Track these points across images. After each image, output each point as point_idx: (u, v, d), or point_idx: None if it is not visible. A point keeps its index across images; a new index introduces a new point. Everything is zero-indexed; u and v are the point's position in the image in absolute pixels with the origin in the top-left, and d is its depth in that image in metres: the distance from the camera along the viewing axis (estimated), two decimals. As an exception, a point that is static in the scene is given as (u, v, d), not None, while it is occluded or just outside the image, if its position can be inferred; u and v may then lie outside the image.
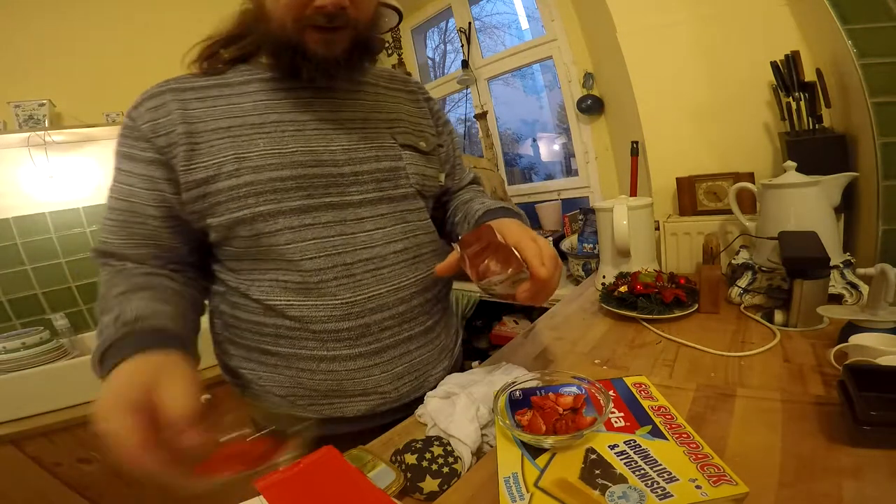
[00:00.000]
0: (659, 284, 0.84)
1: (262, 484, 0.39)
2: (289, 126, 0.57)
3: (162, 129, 0.54)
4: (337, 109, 0.61)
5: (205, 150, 0.54)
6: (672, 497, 0.34)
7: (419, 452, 0.46)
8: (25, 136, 1.50)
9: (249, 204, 0.54)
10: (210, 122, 0.55)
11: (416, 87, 0.75)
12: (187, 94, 0.56)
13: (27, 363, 1.28)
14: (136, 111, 0.55)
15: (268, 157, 0.55)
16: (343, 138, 0.60)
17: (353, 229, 0.59)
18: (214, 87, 0.58)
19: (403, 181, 0.64)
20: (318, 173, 0.57)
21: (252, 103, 0.57)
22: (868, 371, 0.45)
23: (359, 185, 0.60)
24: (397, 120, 0.67)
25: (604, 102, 1.78)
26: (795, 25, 1.13)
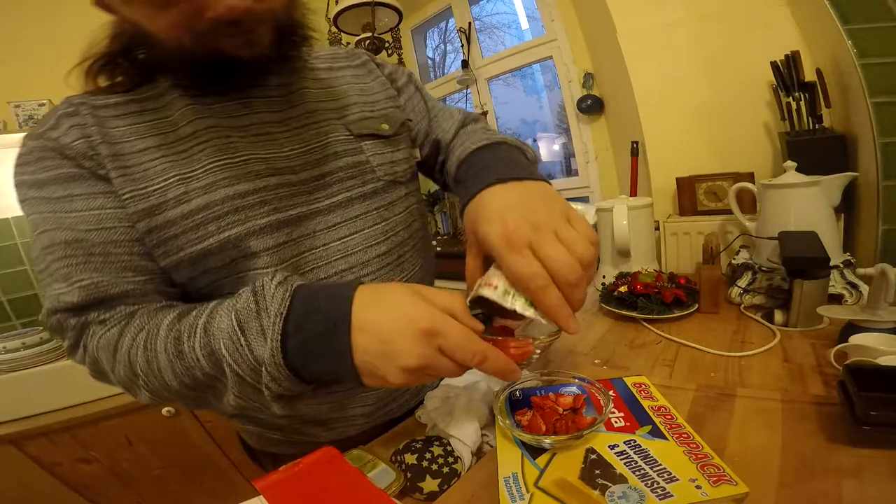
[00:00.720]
0: (659, 284, 0.84)
1: (261, 484, 0.39)
2: (231, 132, 0.48)
3: (95, 147, 0.44)
4: (278, 107, 0.52)
5: (138, 175, 0.44)
6: (672, 497, 0.34)
7: (419, 452, 0.46)
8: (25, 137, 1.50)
9: (211, 231, 0.45)
10: (137, 142, 0.45)
11: (367, 57, 0.65)
12: (102, 112, 0.46)
13: (27, 363, 1.28)
14: (57, 130, 0.45)
15: (216, 171, 0.46)
16: (294, 140, 0.51)
17: (326, 239, 0.51)
18: (130, 103, 0.47)
19: (370, 175, 0.55)
20: (277, 183, 0.48)
21: (179, 112, 0.47)
22: (868, 371, 0.45)
23: (323, 190, 0.52)
24: (349, 105, 0.58)
25: (604, 102, 1.78)
26: (795, 25, 1.13)
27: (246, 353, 0.37)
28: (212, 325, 0.39)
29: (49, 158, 0.44)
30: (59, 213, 0.44)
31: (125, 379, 0.43)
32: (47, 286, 0.44)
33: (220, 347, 0.38)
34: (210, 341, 0.39)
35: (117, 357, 0.42)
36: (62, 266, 0.43)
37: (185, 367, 0.40)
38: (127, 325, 0.43)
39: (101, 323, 0.44)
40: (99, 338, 0.43)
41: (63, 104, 0.47)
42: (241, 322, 0.38)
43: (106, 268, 0.44)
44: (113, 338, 0.43)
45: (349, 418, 0.57)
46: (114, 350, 0.42)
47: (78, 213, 0.43)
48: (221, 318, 0.39)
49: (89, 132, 0.44)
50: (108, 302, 0.44)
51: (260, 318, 0.38)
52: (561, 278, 0.37)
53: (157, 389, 0.42)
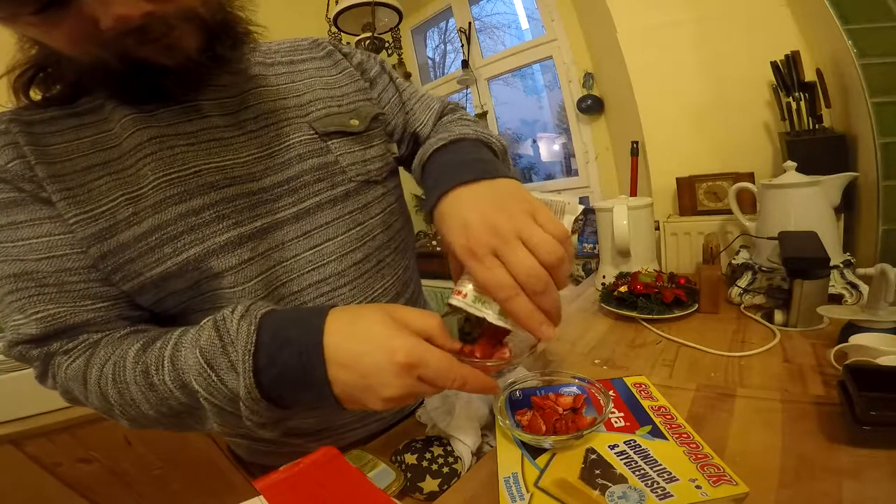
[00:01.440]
0: (659, 284, 0.84)
1: (262, 484, 0.39)
2: (177, 140, 0.43)
3: (30, 168, 0.40)
4: (232, 110, 0.47)
5: (83, 197, 0.40)
6: (672, 497, 0.34)
7: (419, 452, 0.46)
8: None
9: (168, 254, 0.41)
10: (78, 160, 0.41)
11: (331, 47, 0.59)
12: (37, 128, 0.41)
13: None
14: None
15: (165, 187, 0.41)
16: (250, 144, 0.47)
17: (297, 250, 0.47)
18: (69, 116, 0.43)
19: (340, 177, 0.51)
20: (235, 193, 0.44)
21: (119, 124, 0.43)
22: (868, 371, 0.45)
23: (289, 196, 0.47)
24: (312, 102, 0.53)
25: (604, 102, 1.78)
26: (795, 25, 1.13)
27: (220, 387, 0.36)
28: (178, 358, 0.38)
29: None
30: (5, 243, 0.40)
31: (101, 407, 0.42)
32: (6, 317, 0.41)
33: (191, 382, 0.36)
34: (180, 375, 0.37)
35: (88, 387, 0.41)
36: (15, 299, 0.40)
37: (158, 398, 0.39)
38: (92, 356, 0.41)
39: (64, 353, 0.42)
40: (66, 368, 0.41)
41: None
42: (207, 359, 0.36)
43: (62, 297, 0.41)
44: (80, 368, 0.41)
45: (339, 427, 0.56)
46: (83, 380, 0.41)
47: (25, 242, 0.40)
48: (187, 354, 0.37)
49: (24, 151, 0.40)
50: (69, 332, 0.42)
51: (227, 354, 0.36)
52: (527, 288, 0.36)
53: (135, 418, 0.41)
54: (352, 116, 0.54)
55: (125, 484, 1.27)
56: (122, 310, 0.44)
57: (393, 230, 0.57)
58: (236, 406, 0.36)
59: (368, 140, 0.54)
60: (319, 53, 0.58)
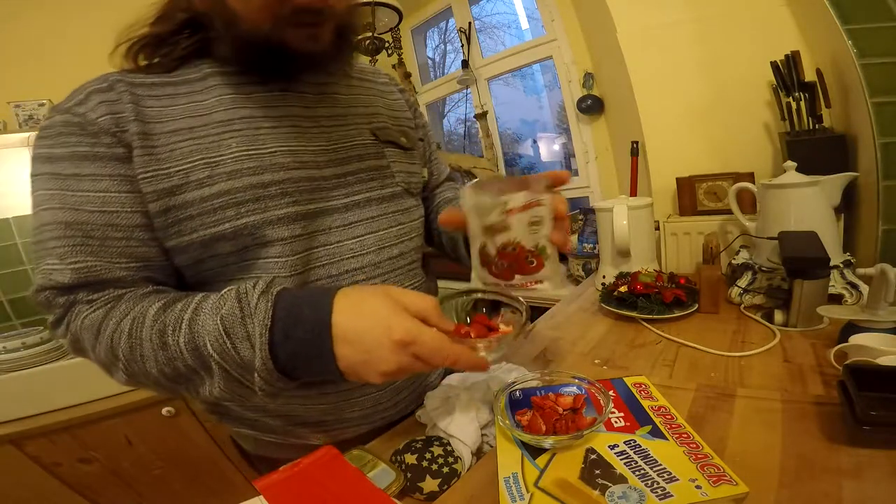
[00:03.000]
0: (659, 284, 0.84)
1: (262, 484, 0.39)
2: (262, 123, 0.49)
3: (122, 123, 0.44)
4: (311, 105, 0.54)
5: (164, 156, 0.45)
6: (672, 497, 0.34)
7: (419, 452, 0.46)
8: (25, 136, 1.50)
9: (229, 217, 0.46)
10: (168, 123, 0.46)
11: (388, 79, 0.69)
12: (139, 90, 0.47)
13: (27, 363, 1.28)
14: (85, 105, 0.44)
15: (244, 159, 0.47)
16: (322, 137, 0.53)
17: (341, 237, 0.52)
18: (167, 85, 0.48)
19: (389, 180, 0.58)
20: (300, 176, 0.50)
21: (216, 99, 0.48)
22: (868, 371, 0.45)
23: (343, 188, 0.53)
24: (376, 114, 0.61)
25: (604, 102, 1.78)
26: (795, 25, 1.13)
27: (234, 356, 0.39)
28: (196, 322, 0.40)
29: (69, 134, 0.44)
30: (66, 191, 0.43)
31: (105, 360, 0.44)
32: (40, 260, 0.44)
33: (205, 345, 0.40)
34: (195, 338, 0.40)
35: (100, 339, 0.43)
36: (59, 245, 0.43)
37: (167, 357, 0.41)
38: (112, 309, 0.44)
39: (87, 303, 0.44)
40: (84, 318, 0.44)
41: (97, 80, 0.47)
42: (226, 327, 0.39)
43: (102, 251, 0.44)
44: (98, 319, 0.43)
45: (345, 421, 0.57)
46: (97, 331, 0.43)
47: (83, 194, 0.43)
48: (206, 319, 0.40)
49: (121, 108, 0.45)
50: (97, 285, 0.44)
51: (245, 325, 0.39)
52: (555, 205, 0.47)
53: (135, 374, 0.43)
54: (402, 134, 0.63)
55: (125, 484, 1.27)
56: (152, 272, 0.48)
57: (421, 239, 0.64)
58: (246, 374, 0.40)
59: (412, 157, 0.63)
60: (379, 80, 0.67)
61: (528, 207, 0.45)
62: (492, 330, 0.47)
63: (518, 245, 0.46)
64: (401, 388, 0.59)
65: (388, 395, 0.58)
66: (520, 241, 0.45)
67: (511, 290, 0.48)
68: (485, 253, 0.46)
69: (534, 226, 0.46)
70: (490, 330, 0.47)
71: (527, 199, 0.44)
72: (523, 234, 0.45)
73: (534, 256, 0.47)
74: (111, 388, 1.26)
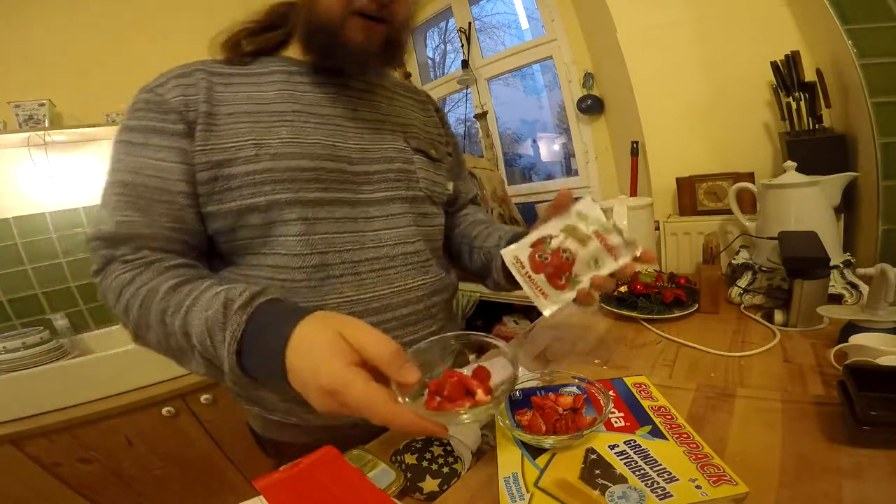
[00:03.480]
0: (659, 284, 0.85)
1: (262, 484, 0.39)
2: (310, 118, 0.57)
3: (192, 104, 0.53)
4: (355, 108, 0.61)
5: (223, 132, 0.53)
6: (672, 497, 0.34)
7: (419, 452, 0.46)
8: (25, 136, 1.50)
9: (265, 191, 0.52)
10: (232, 106, 0.54)
11: (426, 98, 0.77)
12: (215, 78, 0.56)
13: (27, 363, 1.28)
14: (163, 87, 0.53)
15: (289, 145, 0.54)
16: (358, 137, 0.60)
17: (363, 227, 0.58)
18: (239, 75, 0.58)
19: (413, 184, 0.63)
20: (334, 167, 0.56)
21: (276, 92, 0.57)
22: (868, 371, 0.45)
23: (370, 185, 0.59)
24: (410, 125, 0.68)
25: (604, 102, 1.78)
26: (795, 25, 1.13)
27: (212, 352, 0.44)
28: (190, 313, 0.45)
29: (146, 110, 0.52)
30: (132, 157, 0.51)
31: (121, 317, 0.50)
32: (97, 214, 0.52)
33: (192, 336, 0.45)
34: (186, 326, 0.45)
35: (119, 299, 0.49)
36: (114, 201, 0.51)
37: (165, 333, 0.47)
38: (138, 275, 0.49)
39: (122, 263, 0.51)
40: (114, 277, 0.50)
41: (180, 67, 0.56)
42: (209, 327, 0.43)
43: (147, 210, 0.51)
44: (123, 281, 0.49)
45: None
46: (119, 292, 0.49)
47: (144, 160, 0.51)
48: (197, 314, 0.45)
49: (194, 92, 0.53)
50: (136, 240, 0.51)
51: (223, 330, 0.43)
52: None
53: (142, 338, 0.50)
54: (432, 147, 0.69)
55: (125, 484, 1.27)
56: (186, 236, 0.54)
57: (438, 244, 0.69)
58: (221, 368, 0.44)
59: (438, 168, 0.70)
60: (418, 98, 0.75)
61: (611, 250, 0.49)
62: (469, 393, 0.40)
63: (572, 259, 0.50)
64: None
65: None
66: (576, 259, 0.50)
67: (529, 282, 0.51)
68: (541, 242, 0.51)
69: (596, 262, 0.50)
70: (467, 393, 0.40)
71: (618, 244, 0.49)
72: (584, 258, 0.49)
73: (567, 280, 0.51)
74: (111, 388, 1.26)
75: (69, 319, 1.62)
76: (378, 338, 0.38)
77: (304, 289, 0.54)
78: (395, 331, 0.59)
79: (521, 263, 0.52)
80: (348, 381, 0.36)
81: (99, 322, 1.71)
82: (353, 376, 0.36)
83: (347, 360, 0.37)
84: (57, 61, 1.60)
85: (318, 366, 0.37)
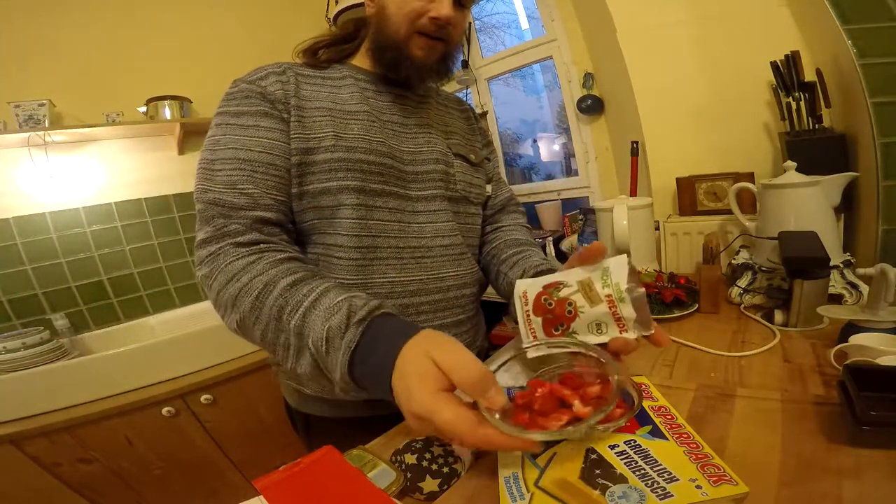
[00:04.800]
0: (659, 284, 0.84)
1: (261, 484, 0.39)
2: (375, 120, 0.66)
3: (288, 97, 0.61)
4: (409, 115, 0.71)
5: (309, 124, 0.61)
6: (672, 497, 0.34)
7: (419, 452, 0.46)
8: (25, 136, 1.50)
9: (339, 177, 0.60)
10: (315, 102, 0.63)
11: (469, 108, 0.87)
12: (301, 78, 0.64)
13: (27, 363, 1.28)
14: (265, 81, 0.61)
15: (360, 140, 0.62)
16: (411, 141, 0.69)
17: (409, 219, 0.65)
18: (318, 77, 0.66)
19: (452, 185, 0.71)
20: (392, 165, 0.64)
21: (349, 94, 0.66)
22: (868, 371, 0.45)
23: (418, 183, 0.67)
24: (453, 133, 0.77)
25: (604, 102, 1.78)
26: (795, 25, 1.13)
27: (325, 358, 0.46)
28: (310, 315, 0.48)
29: (253, 97, 0.60)
30: (245, 136, 0.58)
31: (225, 304, 0.52)
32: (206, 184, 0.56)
33: (309, 338, 0.47)
34: (303, 328, 0.48)
35: (229, 288, 0.52)
36: (233, 176, 0.56)
37: (277, 328, 0.50)
38: (252, 264, 0.52)
39: (236, 245, 0.54)
40: (228, 263, 0.53)
41: (273, 65, 0.64)
42: (328, 336, 0.46)
43: (261, 183, 0.57)
44: (237, 268, 0.52)
45: None
46: (230, 277, 0.52)
47: (258, 139, 0.58)
48: (317, 319, 0.47)
49: (288, 87, 0.62)
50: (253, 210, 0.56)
51: (341, 339, 0.45)
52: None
53: (245, 328, 0.52)
54: (471, 152, 0.78)
55: (125, 484, 1.27)
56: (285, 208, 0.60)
57: (474, 240, 0.77)
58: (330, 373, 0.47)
59: (477, 172, 0.77)
60: (461, 108, 0.85)
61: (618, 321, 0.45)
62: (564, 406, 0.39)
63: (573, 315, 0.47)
64: None
65: None
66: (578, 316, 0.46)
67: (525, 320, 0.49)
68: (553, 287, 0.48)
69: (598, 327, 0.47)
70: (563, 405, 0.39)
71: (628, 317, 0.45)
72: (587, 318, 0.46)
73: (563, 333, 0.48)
74: (111, 388, 1.26)
75: (69, 319, 1.62)
76: (466, 361, 0.39)
77: (356, 267, 0.61)
78: (426, 314, 0.66)
79: (526, 300, 0.50)
80: (434, 409, 0.37)
81: (99, 322, 1.71)
82: (440, 405, 0.37)
83: (435, 386, 0.38)
84: (57, 61, 1.60)
85: (411, 392, 0.39)
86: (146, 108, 1.69)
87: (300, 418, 0.73)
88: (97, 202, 1.71)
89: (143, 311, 1.79)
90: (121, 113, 1.66)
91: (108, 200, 1.72)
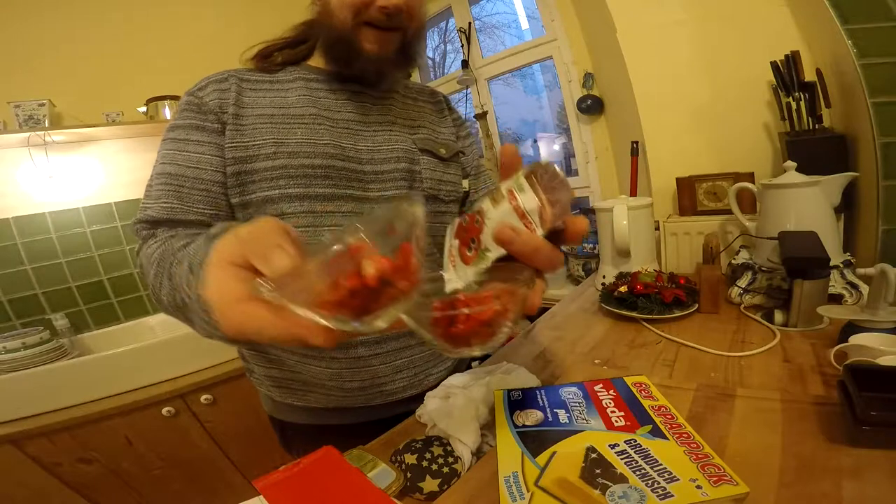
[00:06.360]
0: (659, 284, 0.84)
1: (262, 484, 0.39)
2: (324, 121, 0.62)
3: (224, 106, 0.59)
4: (367, 112, 0.67)
5: (247, 132, 0.58)
6: (672, 497, 0.34)
7: (419, 452, 0.46)
8: (25, 136, 1.50)
9: (280, 185, 0.58)
10: (256, 109, 0.60)
11: (443, 98, 0.81)
12: (244, 84, 0.62)
13: (27, 363, 1.28)
14: (203, 91, 0.60)
15: (303, 145, 0.59)
16: (369, 139, 0.65)
17: None
18: (266, 82, 0.64)
19: (418, 184, 0.67)
20: (343, 167, 0.61)
21: (296, 97, 0.63)
22: (868, 371, 0.45)
23: (378, 183, 0.64)
24: (421, 127, 0.72)
25: (604, 102, 1.78)
26: (795, 25, 1.13)
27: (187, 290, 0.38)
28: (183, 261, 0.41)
29: (188, 110, 0.59)
30: (176, 151, 0.57)
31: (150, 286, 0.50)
32: (146, 200, 0.57)
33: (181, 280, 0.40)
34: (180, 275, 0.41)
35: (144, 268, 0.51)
36: (158, 189, 0.56)
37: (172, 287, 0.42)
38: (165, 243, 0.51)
39: (147, 238, 0.54)
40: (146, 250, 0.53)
41: (217, 73, 0.62)
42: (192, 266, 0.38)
43: (185, 197, 0.56)
44: (153, 250, 0.51)
45: (345, 389, 0.64)
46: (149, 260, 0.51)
47: (186, 154, 0.57)
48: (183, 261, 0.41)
49: (227, 96, 0.60)
50: (173, 224, 0.55)
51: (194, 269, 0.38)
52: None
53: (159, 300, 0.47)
54: (442, 146, 0.72)
55: (125, 484, 1.27)
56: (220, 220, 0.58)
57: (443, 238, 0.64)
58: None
59: (446, 167, 0.72)
60: (434, 100, 0.79)
61: (522, 217, 0.35)
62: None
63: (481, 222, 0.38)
64: (401, 368, 0.66)
65: (386, 371, 0.65)
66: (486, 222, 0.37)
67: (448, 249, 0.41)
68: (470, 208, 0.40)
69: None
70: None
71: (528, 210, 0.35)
72: (491, 222, 0.37)
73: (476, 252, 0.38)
74: (111, 388, 1.26)
75: (69, 319, 1.62)
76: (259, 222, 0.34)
77: None
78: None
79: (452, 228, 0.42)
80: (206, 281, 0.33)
81: (99, 322, 1.71)
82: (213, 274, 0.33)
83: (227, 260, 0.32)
84: (57, 61, 1.60)
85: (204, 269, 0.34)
86: (146, 108, 1.69)
87: (276, 425, 0.73)
88: (97, 202, 1.71)
89: (143, 311, 1.79)
90: (121, 113, 1.66)
91: (108, 200, 1.72)
